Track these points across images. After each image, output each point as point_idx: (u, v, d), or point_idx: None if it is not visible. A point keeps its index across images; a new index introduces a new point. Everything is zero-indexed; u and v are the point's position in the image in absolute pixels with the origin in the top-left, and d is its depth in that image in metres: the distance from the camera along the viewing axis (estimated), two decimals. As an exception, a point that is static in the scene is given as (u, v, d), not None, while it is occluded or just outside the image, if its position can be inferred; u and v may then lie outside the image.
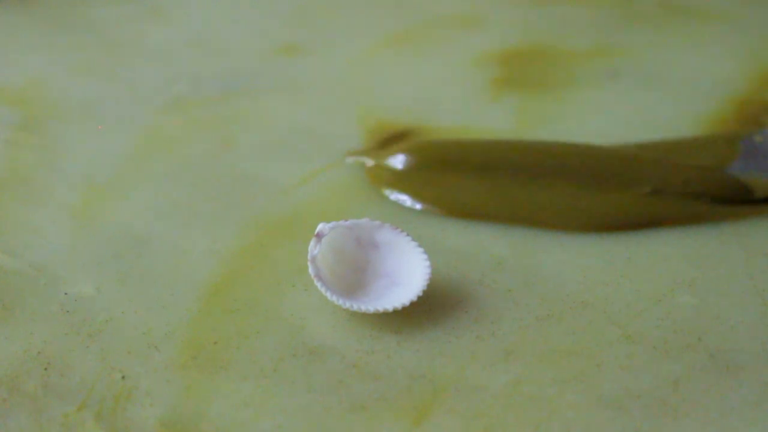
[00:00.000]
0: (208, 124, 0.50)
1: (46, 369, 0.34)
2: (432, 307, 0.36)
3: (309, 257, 0.36)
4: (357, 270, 0.37)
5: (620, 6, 0.62)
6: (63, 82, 0.54)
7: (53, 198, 0.43)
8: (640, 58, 0.56)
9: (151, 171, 0.45)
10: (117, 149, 0.47)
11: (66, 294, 0.37)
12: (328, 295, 0.35)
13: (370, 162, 0.45)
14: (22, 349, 0.35)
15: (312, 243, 0.36)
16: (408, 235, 0.38)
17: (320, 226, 0.37)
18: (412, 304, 0.35)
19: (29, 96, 0.52)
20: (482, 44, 0.57)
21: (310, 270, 0.36)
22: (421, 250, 0.37)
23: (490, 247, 0.40)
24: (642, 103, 0.52)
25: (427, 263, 0.37)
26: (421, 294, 0.36)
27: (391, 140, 0.47)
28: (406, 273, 0.37)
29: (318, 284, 0.35)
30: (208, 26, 0.61)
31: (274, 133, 0.49)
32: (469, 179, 0.44)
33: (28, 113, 0.50)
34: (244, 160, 0.46)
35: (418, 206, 0.42)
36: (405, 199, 0.42)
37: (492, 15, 0.61)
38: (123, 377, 0.33)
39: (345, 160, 0.46)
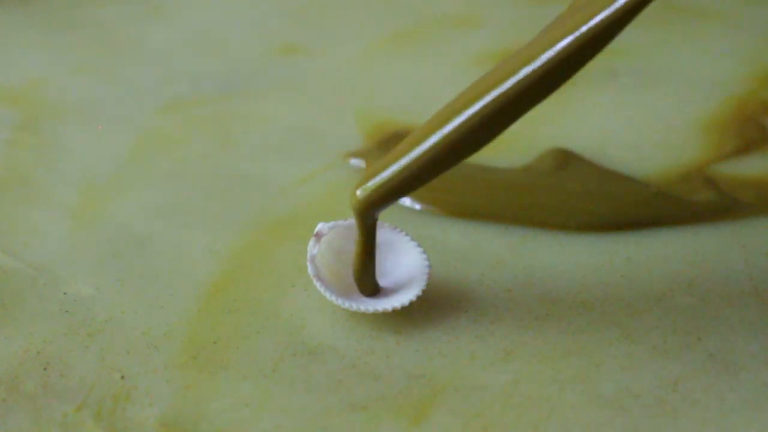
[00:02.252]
0: (208, 124, 0.50)
1: (45, 369, 0.34)
2: (431, 307, 0.36)
3: (308, 257, 0.36)
4: (357, 270, 0.37)
5: (620, 6, 0.62)
6: (63, 82, 0.54)
7: (53, 198, 0.43)
8: (640, 58, 0.56)
9: (151, 171, 0.45)
10: (117, 149, 0.47)
11: (65, 294, 0.37)
12: (327, 295, 0.35)
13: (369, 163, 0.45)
14: (21, 348, 0.35)
15: (311, 243, 0.36)
16: (407, 234, 0.38)
17: (319, 226, 0.37)
18: (412, 304, 0.35)
19: (29, 96, 0.52)
20: (482, 44, 0.57)
21: (309, 270, 0.36)
22: (420, 249, 0.37)
23: (489, 247, 0.40)
24: (642, 103, 0.52)
25: (427, 263, 0.36)
26: (420, 294, 0.36)
27: (390, 140, 0.47)
28: (406, 273, 0.37)
29: (317, 284, 0.35)
30: (208, 26, 0.62)
31: (273, 133, 0.49)
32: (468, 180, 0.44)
33: (28, 113, 0.51)
34: (243, 160, 0.46)
35: (417, 206, 0.42)
36: (404, 199, 0.42)
37: (491, 15, 0.61)
38: (122, 377, 0.33)
39: (346, 161, 0.46)
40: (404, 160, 0.33)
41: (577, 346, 0.35)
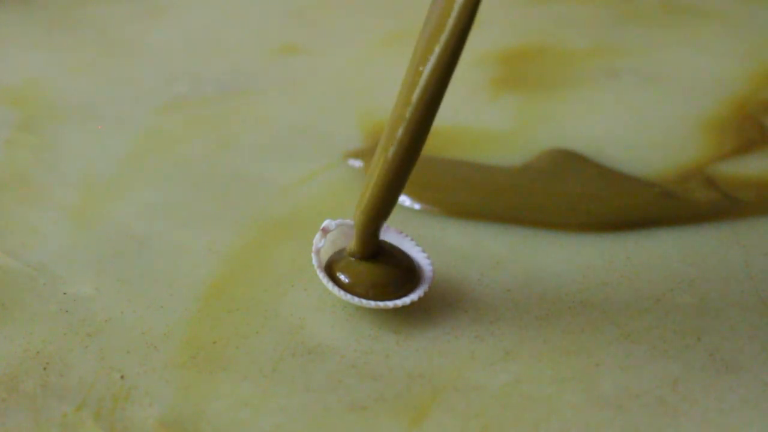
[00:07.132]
0: (208, 123, 0.50)
1: (45, 369, 0.34)
2: (431, 307, 0.36)
3: (313, 249, 0.36)
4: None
5: (620, 5, 0.62)
6: (63, 82, 0.54)
7: (52, 198, 0.43)
8: (640, 58, 0.56)
9: (151, 171, 0.45)
10: (116, 149, 0.47)
11: (65, 294, 0.37)
12: (330, 286, 0.35)
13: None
14: (21, 348, 0.35)
15: (317, 237, 0.36)
16: (413, 240, 0.38)
17: (326, 222, 0.37)
18: (412, 303, 0.35)
19: (29, 96, 0.52)
20: (482, 44, 0.57)
21: (314, 261, 0.36)
22: (425, 255, 0.37)
23: (489, 247, 0.40)
24: (642, 103, 0.52)
25: (430, 268, 0.36)
26: (422, 295, 0.36)
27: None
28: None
29: (320, 275, 0.35)
30: (208, 26, 0.62)
31: (273, 132, 0.49)
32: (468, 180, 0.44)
33: (28, 113, 0.51)
34: (243, 160, 0.46)
35: (417, 206, 0.42)
36: (404, 199, 0.42)
37: (492, 15, 0.61)
38: (122, 377, 0.33)
39: (346, 161, 0.46)
40: (375, 173, 0.34)
41: (577, 346, 0.35)
